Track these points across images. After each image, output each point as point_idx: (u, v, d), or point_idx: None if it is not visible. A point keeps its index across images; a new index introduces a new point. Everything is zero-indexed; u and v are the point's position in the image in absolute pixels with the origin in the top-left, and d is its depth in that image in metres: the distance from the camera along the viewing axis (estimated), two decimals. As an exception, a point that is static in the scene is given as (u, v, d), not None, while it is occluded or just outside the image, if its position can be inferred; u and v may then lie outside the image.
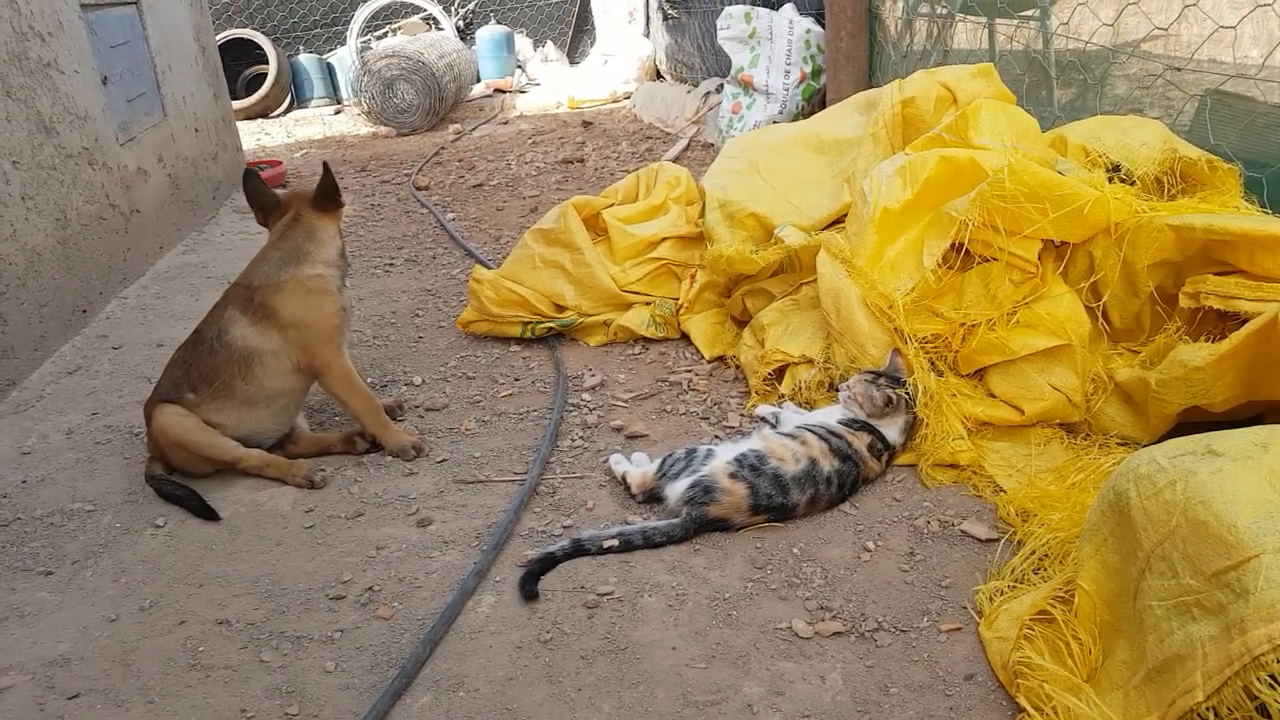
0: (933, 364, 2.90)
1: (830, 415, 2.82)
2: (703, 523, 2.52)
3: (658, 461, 2.74)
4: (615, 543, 2.46)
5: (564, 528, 2.64)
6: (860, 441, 2.70)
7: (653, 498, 2.70)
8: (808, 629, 2.17)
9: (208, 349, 2.97)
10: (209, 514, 2.78)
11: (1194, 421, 2.55)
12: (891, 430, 2.77)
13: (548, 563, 2.42)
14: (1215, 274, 2.60)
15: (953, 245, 2.91)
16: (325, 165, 3.22)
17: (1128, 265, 2.77)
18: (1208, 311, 2.61)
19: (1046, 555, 2.25)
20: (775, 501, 2.53)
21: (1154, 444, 1.99)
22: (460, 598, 2.32)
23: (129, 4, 5.39)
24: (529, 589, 2.33)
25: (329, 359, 3.01)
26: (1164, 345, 2.67)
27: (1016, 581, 2.21)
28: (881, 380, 2.78)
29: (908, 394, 2.77)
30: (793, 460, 2.59)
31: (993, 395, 2.89)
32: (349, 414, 3.11)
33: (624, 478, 2.78)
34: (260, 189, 3.24)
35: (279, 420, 3.08)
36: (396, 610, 2.34)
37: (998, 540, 2.43)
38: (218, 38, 7.59)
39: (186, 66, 6.22)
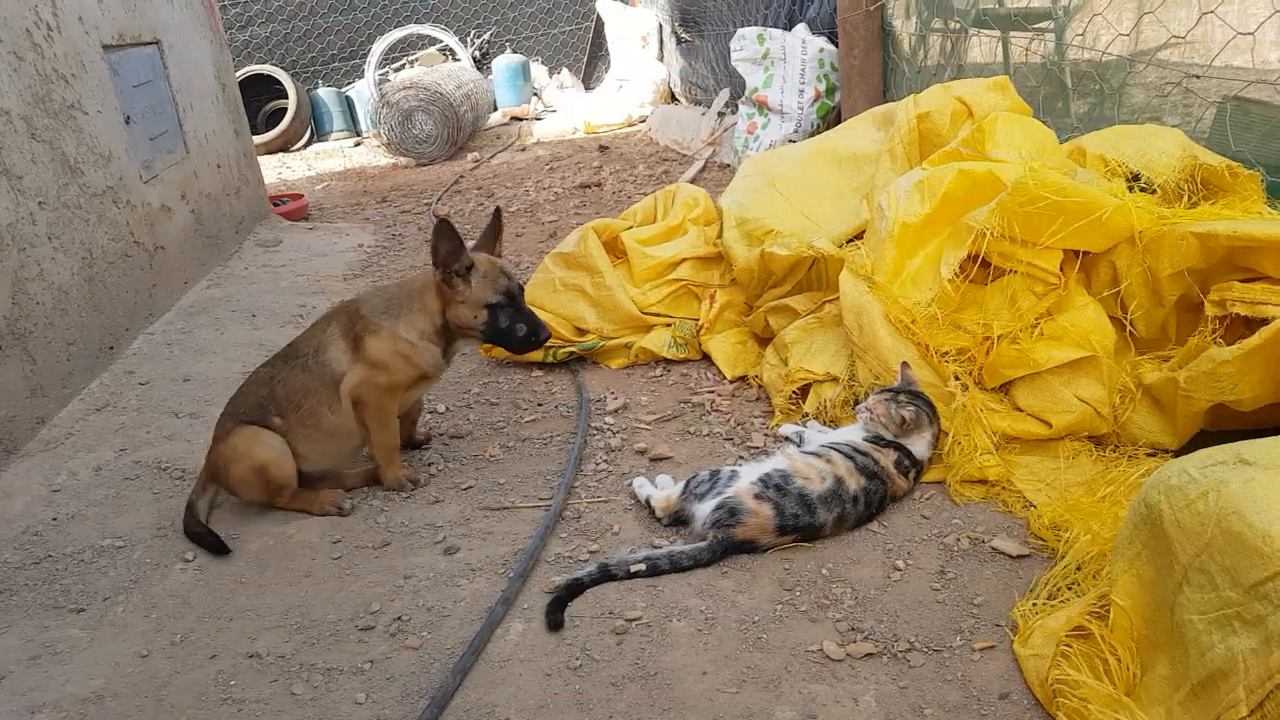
0: (956, 377, 2.87)
1: (855, 433, 2.80)
2: (729, 545, 2.50)
3: (682, 483, 2.73)
4: (643, 567, 2.45)
5: (590, 553, 2.63)
6: (887, 459, 2.68)
7: (678, 520, 2.69)
8: (839, 651, 2.15)
9: (301, 365, 2.94)
10: (223, 550, 2.79)
11: (1223, 430, 2.52)
12: (919, 445, 2.74)
13: (575, 589, 2.42)
14: (1240, 281, 2.57)
15: (971, 256, 2.90)
16: (441, 226, 2.89)
17: (1151, 274, 2.75)
18: (1235, 319, 2.58)
19: (1079, 570, 2.23)
20: (802, 521, 2.51)
21: (1183, 453, 1.97)
22: (489, 626, 2.31)
23: (150, 44, 5.48)
24: (555, 618, 2.32)
25: (379, 398, 2.97)
26: (1195, 348, 2.63)
27: (1050, 598, 2.18)
28: (901, 397, 2.76)
29: (929, 406, 2.74)
30: (818, 479, 2.57)
31: (1019, 409, 2.86)
32: (369, 444, 3.07)
33: (648, 501, 2.77)
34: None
35: (346, 459, 3.09)
36: (425, 640, 2.33)
37: (1029, 556, 2.40)
38: (237, 74, 7.70)
39: (208, 104, 6.31)
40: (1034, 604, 2.17)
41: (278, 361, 3.02)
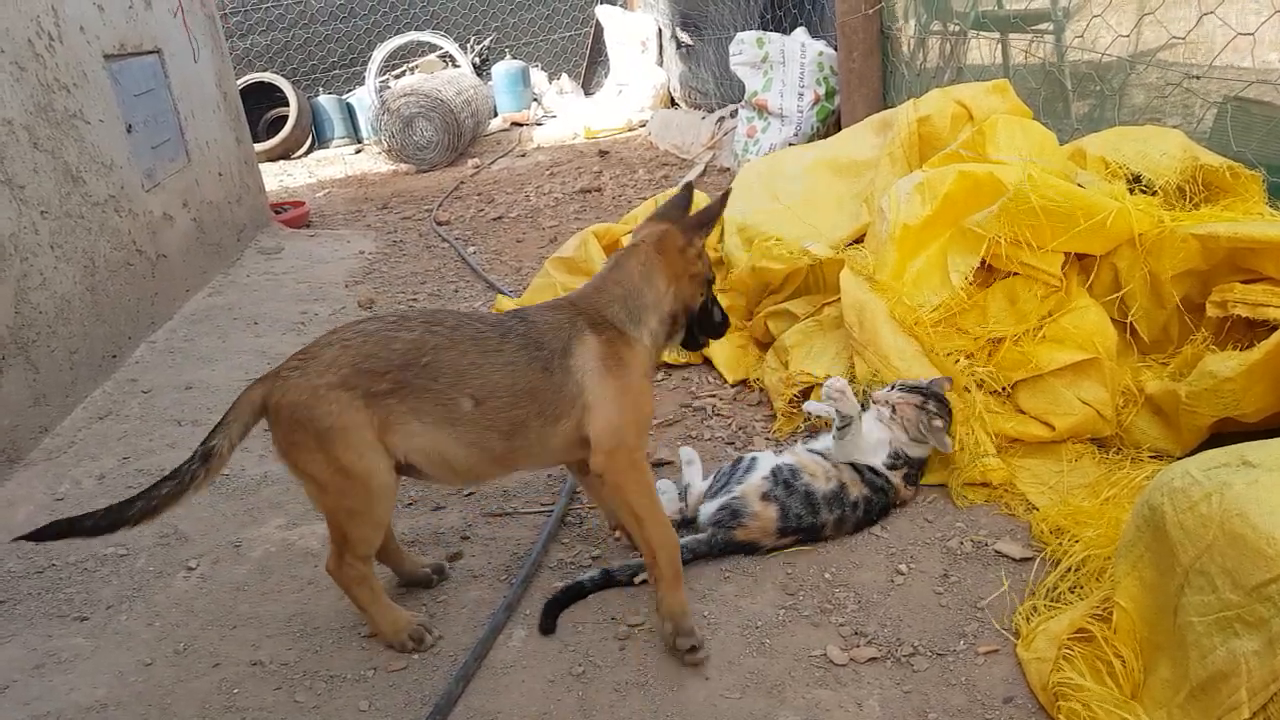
0: (968, 389, 2.86)
1: (879, 442, 2.70)
2: (729, 545, 2.50)
3: (708, 481, 2.72)
4: (645, 575, 2.44)
5: (593, 558, 2.63)
6: (897, 476, 2.67)
7: (688, 523, 2.68)
8: (842, 655, 2.14)
9: (541, 362, 2.25)
10: None
11: (1228, 431, 2.51)
12: (923, 452, 2.73)
13: (573, 594, 2.41)
14: (1242, 282, 2.57)
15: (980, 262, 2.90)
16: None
17: (1153, 276, 2.75)
18: (1236, 320, 2.58)
19: (1082, 573, 2.22)
20: (805, 522, 2.51)
21: (1187, 456, 1.96)
22: (491, 633, 2.31)
23: (151, 53, 5.49)
24: (547, 623, 2.32)
25: (639, 450, 2.31)
26: (1192, 356, 2.63)
27: (1053, 601, 2.18)
28: (931, 405, 2.68)
29: (950, 417, 2.72)
30: (824, 478, 2.57)
31: (1022, 411, 2.85)
32: (638, 535, 2.29)
33: (685, 491, 2.75)
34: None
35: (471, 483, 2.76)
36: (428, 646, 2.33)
37: (1032, 559, 2.40)
38: (238, 82, 7.71)
39: (209, 112, 6.32)
40: (1034, 606, 2.17)
41: (466, 333, 2.25)
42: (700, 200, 4.00)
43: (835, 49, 6.05)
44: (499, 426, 2.22)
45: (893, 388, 2.78)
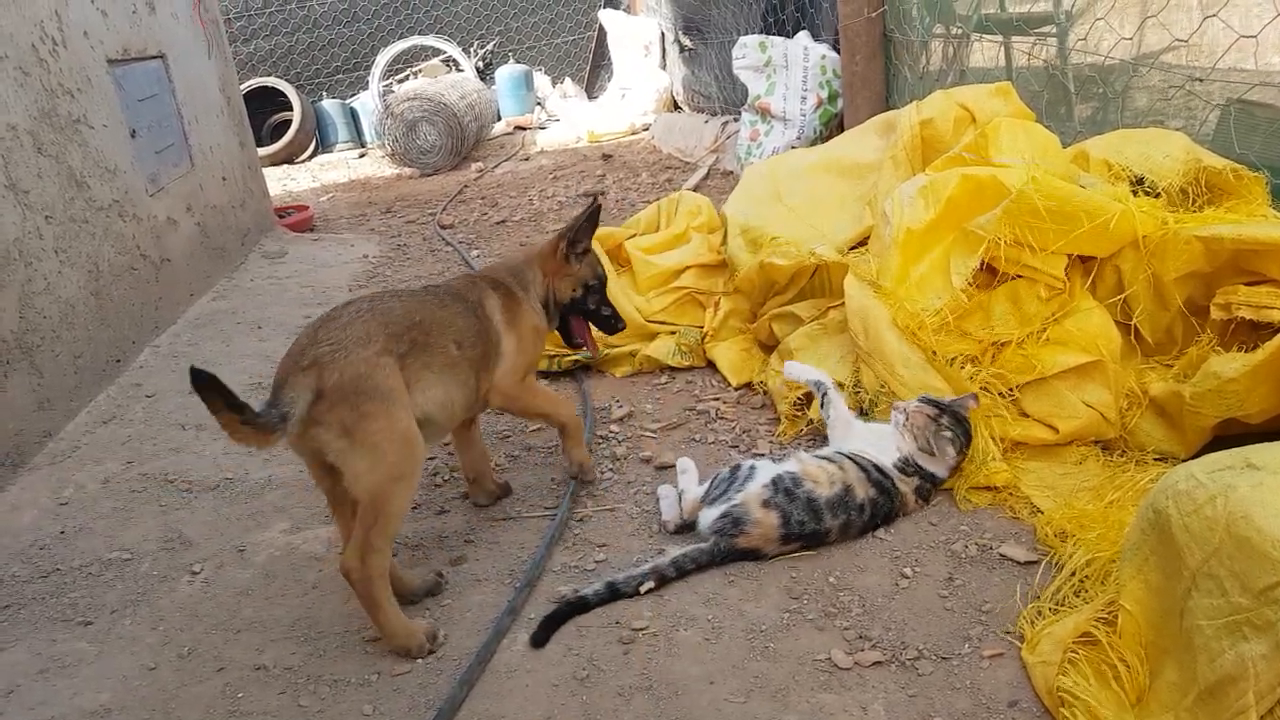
0: (976, 397, 2.85)
1: (887, 448, 2.71)
2: (731, 553, 2.50)
3: (705, 487, 2.71)
4: (652, 584, 2.43)
5: (597, 561, 2.63)
6: (908, 485, 2.66)
7: (687, 528, 2.68)
8: (847, 659, 2.14)
9: (469, 309, 2.70)
10: None
11: (1232, 434, 2.51)
12: (940, 467, 2.71)
13: (577, 608, 2.39)
14: (1246, 284, 2.57)
15: (980, 263, 2.89)
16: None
17: (1156, 278, 2.74)
18: (1240, 322, 2.57)
19: (1087, 576, 2.22)
20: (807, 529, 2.50)
21: (1191, 459, 1.96)
22: (495, 636, 2.31)
23: (155, 58, 5.51)
24: (539, 635, 2.30)
25: (528, 378, 2.89)
26: (1195, 358, 2.63)
27: (1058, 604, 2.18)
28: (944, 419, 2.68)
29: (966, 436, 2.70)
30: (827, 483, 2.56)
31: (1026, 415, 2.85)
32: (551, 422, 2.95)
33: (680, 496, 2.74)
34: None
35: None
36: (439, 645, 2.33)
37: (1037, 562, 2.39)
38: (242, 86, 7.73)
39: (213, 116, 6.34)
40: (1039, 609, 2.17)
41: (424, 297, 2.64)
42: (696, 206, 4.05)
43: (837, 52, 6.06)
44: (475, 364, 2.61)
45: (917, 399, 2.77)
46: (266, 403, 2.20)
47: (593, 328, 3.16)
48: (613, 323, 3.17)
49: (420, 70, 11.91)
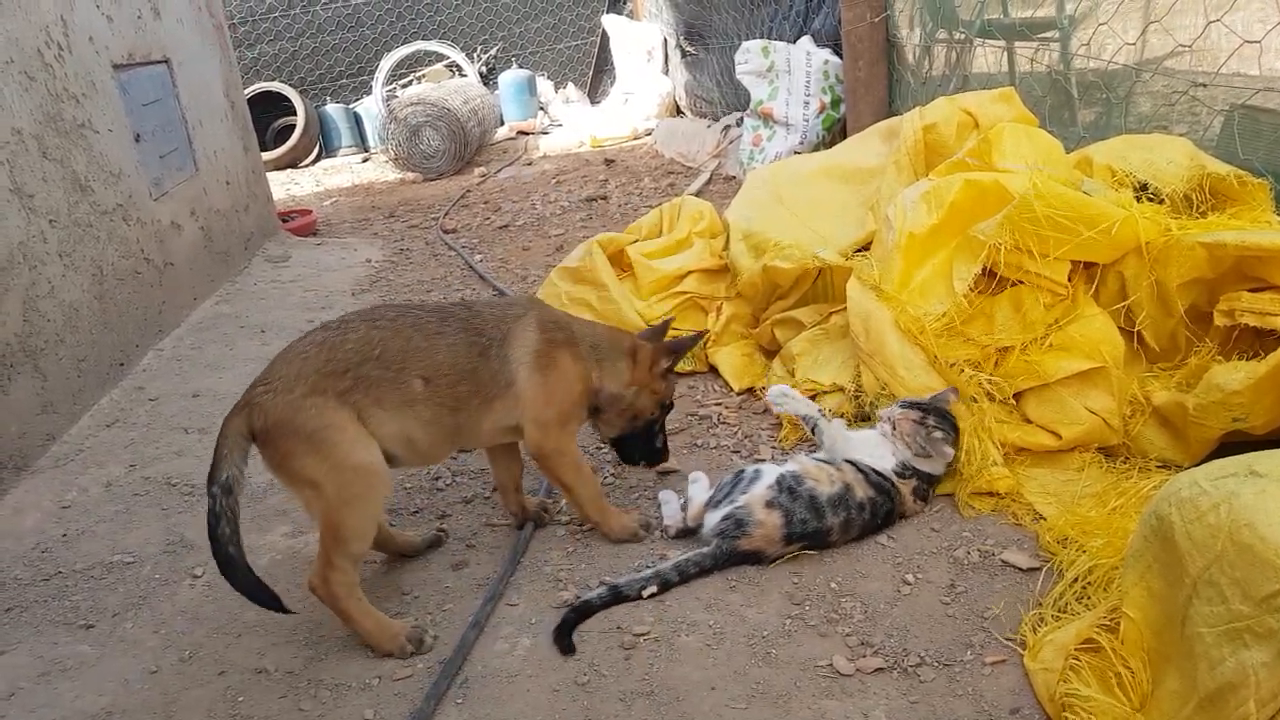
0: (974, 399, 2.85)
1: (882, 454, 2.72)
2: (734, 555, 2.50)
3: (709, 493, 2.71)
4: (654, 589, 2.43)
5: (598, 566, 2.62)
6: (906, 487, 2.66)
7: (689, 532, 2.68)
8: (849, 666, 2.14)
9: (480, 347, 2.54)
10: None
11: (1235, 441, 2.50)
12: (935, 466, 2.72)
13: (583, 612, 2.39)
14: (1249, 291, 2.56)
15: (982, 269, 2.89)
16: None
17: (1160, 285, 2.74)
18: (1243, 329, 2.57)
19: (1090, 583, 2.21)
20: (810, 527, 2.50)
21: (1195, 466, 1.95)
22: (460, 650, 2.29)
23: (160, 63, 5.52)
24: (565, 642, 2.29)
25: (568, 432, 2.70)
26: (1198, 367, 2.62)
27: (1060, 611, 2.17)
28: (930, 420, 2.69)
29: (954, 431, 2.71)
30: (828, 481, 2.56)
31: (1028, 420, 2.85)
32: (572, 500, 2.79)
33: (685, 505, 2.74)
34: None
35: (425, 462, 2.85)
36: (433, 655, 2.33)
37: (1040, 569, 2.39)
38: (246, 91, 7.74)
39: (217, 121, 6.35)
40: (1041, 616, 2.16)
41: (412, 321, 2.50)
42: (699, 211, 4.02)
43: (840, 57, 6.07)
44: (456, 402, 2.47)
45: (898, 405, 2.78)
46: (209, 475, 2.24)
47: None
48: (661, 454, 2.90)
49: (424, 75, 11.93)
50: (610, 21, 11.45)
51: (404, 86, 11.66)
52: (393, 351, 2.40)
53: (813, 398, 3.29)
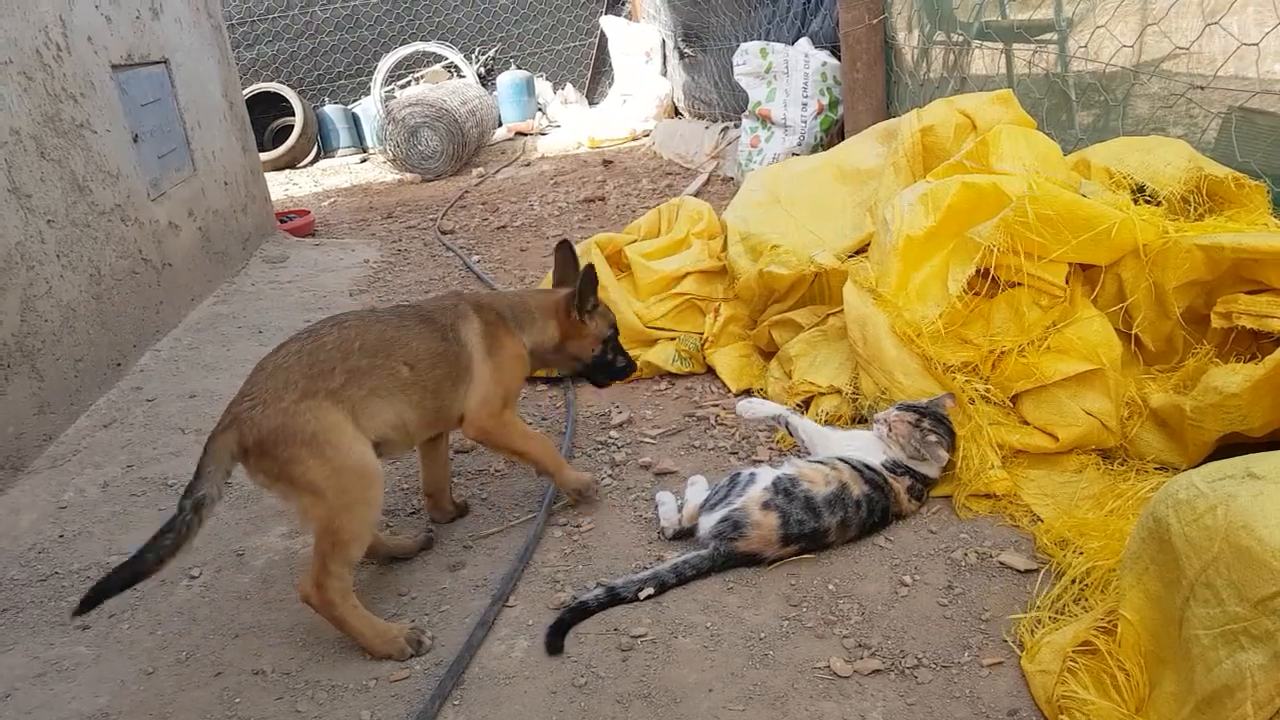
0: (972, 400, 2.85)
1: (873, 450, 2.74)
2: (731, 557, 2.50)
3: (705, 495, 2.71)
4: (651, 590, 2.43)
5: (595, 568, 2.62)
6: (900, 485, 2.66)
7: (685, 534, 2.68)
8: (846, 667, 2.14)
9: (439, 333, 2.66)
10: None
11: (1233, 443, 2.50)
12: (932, 469, 2.72)
13: (579, 613, 2.39)
14: (1247, 293, 2.56)
15: (978, 271, 2.89)
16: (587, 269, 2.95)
17: (1157, 287, 2.74)
18: (1241, 331, 2.57)
19: (1087, 585, 2.21)
20: (807, 528, 2.50)
21: (1192, 468, 1.95)
22: (467, 650, 2.29)
23: (158, 63, 5.51)
24: (555, 643, 2.29)
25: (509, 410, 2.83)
26: (1195, 369, 2.63)
27: (1058, 613, 2.17)
28: (925, 423, 2.70)
29: (950, 435, 2.71)
30: (823, 482, 2.57)
31: (1026, 422, 2.85)
32: (528, 459, 2.88)
33: (681, 507, 2.74)
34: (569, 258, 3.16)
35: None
36: (430, 656, 2.33)
37: (1037, 571, 2.39)
38: (244, 92, 7.74)
39: (215, 121, 6.34)
40: (1039, 618, 2.16)
41: (380, 317, 2.63)
42: (697, 212, 4.02)
43: (838, 58, 6.07)
44: (434, 385, 2.56)
45: (894, 408, 2.78)
46: (186, 487, 2.21)
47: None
48: (626, 370, 3.18)
49: (422, 76, 11.94)
50: (608, 23, 11.46)
51: (402, 87, 11.66)
52: (372, 342, 2.48)
53: (810, 399, 3.29)
